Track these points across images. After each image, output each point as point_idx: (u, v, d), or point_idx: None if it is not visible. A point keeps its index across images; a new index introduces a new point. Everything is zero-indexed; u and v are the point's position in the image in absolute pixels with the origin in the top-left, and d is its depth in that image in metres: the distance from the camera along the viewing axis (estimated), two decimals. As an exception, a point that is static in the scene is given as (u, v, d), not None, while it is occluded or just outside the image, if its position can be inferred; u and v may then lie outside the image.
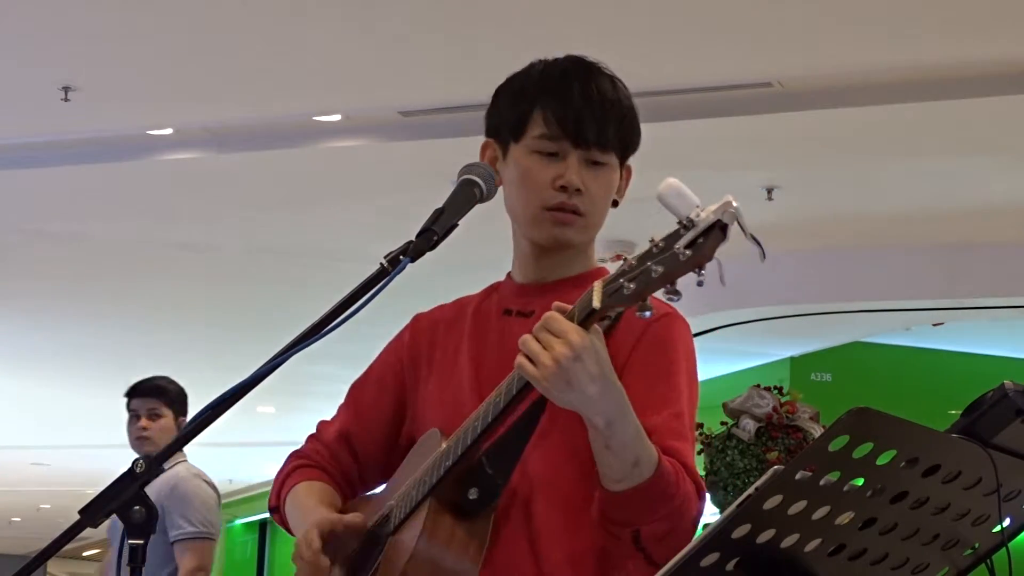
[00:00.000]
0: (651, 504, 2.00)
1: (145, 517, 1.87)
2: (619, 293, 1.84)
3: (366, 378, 2.40)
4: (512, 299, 2.27)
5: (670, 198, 1.84)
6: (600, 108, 2.20)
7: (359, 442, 2.35)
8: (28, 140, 7.18)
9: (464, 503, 2.06)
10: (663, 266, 1.81)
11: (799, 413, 7.04)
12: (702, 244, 1.82)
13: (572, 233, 2.21)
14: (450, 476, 2.06)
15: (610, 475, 2.00)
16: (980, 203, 7.72)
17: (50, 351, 12.08)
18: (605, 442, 1.97)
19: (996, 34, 5.71)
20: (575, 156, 2.19)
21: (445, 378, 2.27)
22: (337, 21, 5.68)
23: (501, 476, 2.07)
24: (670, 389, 2.13)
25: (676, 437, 2.08)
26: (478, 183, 2.14)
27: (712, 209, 1.81)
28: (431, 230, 2.07)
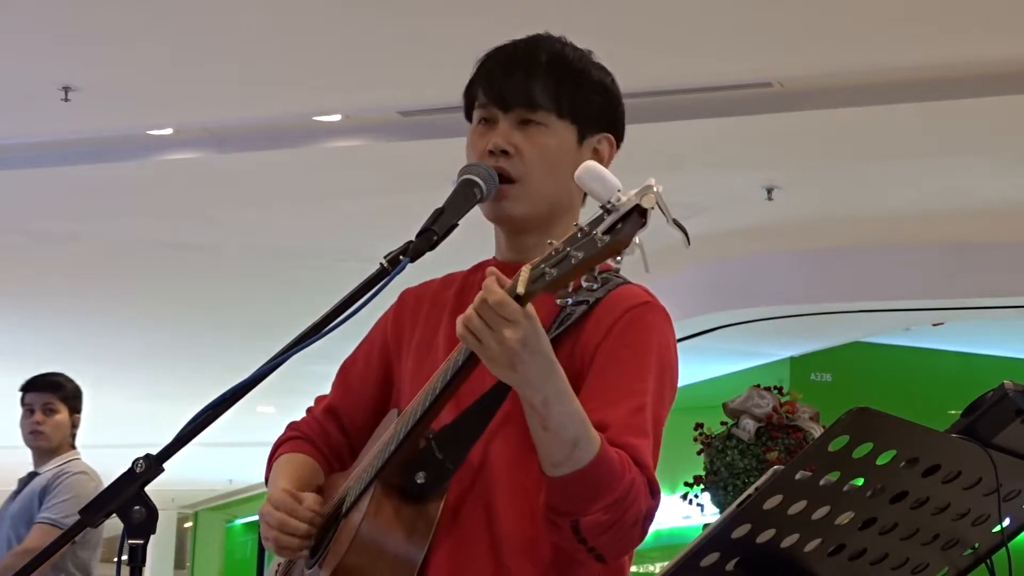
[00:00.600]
0: (591, 491, 1.94)
1: (145, 517, 1.87)
2: (541, 279, 1.79)
3: (355, 355, 2.40)
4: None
5: (589, 182, 1.79)
6: (525, 71, 2.17)
7: (347, 417, 2.35)
8: (28, 140, 7.18)
9: (411, 487, 2.04)
10: (583, 251, 1.76)
11: (799, 413, 7.03)
12: (620, 229, 1.76)
13: (509, 205, 2.16)
14: (394, 460, 2.04)
15: (549, 458, 1.95)
16: (980, 203, 7.71)
17: (49, 351, 12.06)
18: (542, 422, 1.92)
19: (996, 34, 5.70)
20: (505, 121, 2.17)
21: (422, 355, 2.25)
22: (337, 21, 5.68)
23: (451, 461, 2.04)
24: (634, 381, 2.07)
25: (632, 433, 2.02)
26: (478, 183, 2.13)
27: (632, 193, 1.76)
28: (431, 230, 2.06)
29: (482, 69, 2.23)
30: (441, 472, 2.04)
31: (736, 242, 8.37)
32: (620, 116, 2.26)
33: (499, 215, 2.18)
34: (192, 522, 23.76)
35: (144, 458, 1.89)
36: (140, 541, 1.86)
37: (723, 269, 8.54)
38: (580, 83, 2.20)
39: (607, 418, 2.02)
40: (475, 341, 1.88)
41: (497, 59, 2.22)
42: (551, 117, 2.17)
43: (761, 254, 8.56)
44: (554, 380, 1.92)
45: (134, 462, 1.88)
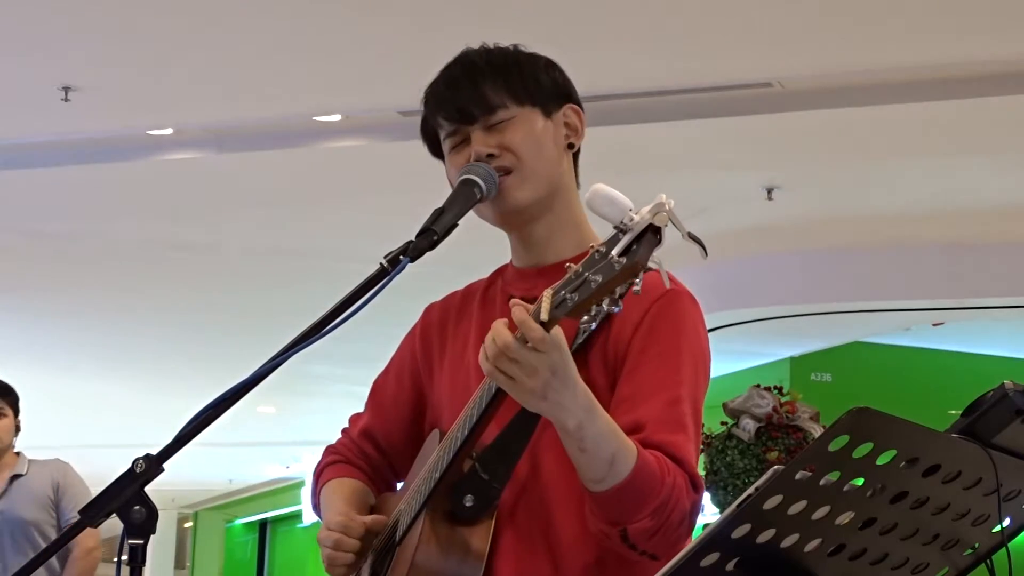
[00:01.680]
0: (634, 502, 1.97)
1: (145, 517, 1.87)
2: (563, 305, 1.80)
3: (386, 373, 2.43)
4: (515, 284, 2.27)
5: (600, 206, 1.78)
6: (468, 80, 2.22)
7: (382, 437, 2.39)
8: (28, 140, 7.18)
9: (460, 510, 2.07)
10: (601, 275, 1.75)
11: (799, 413, 7.04)
12: (635, 251, 1.73)
13: (513, 193, 2.18)
14: (442, 486, 2.07)
15: (589, 476, 1.98)
16: (980, 203, 7.72)
17: (49, 351, 12.08)
18: (579, 444, 1.95)
19: (996, 34, 5.71)
20: (476, 133, 2.20)
21: (455, 369, 2.28)
22: (337, 21, 5.68)
23: (498, 480, 2.07)
24: (668, 374, 2.09)
25: (669, 429, 2.04)
26: (478, 183, 2.14)
27: (644, 211, 1.74)
28: (431, 230, 2.07)
29: (430, 104, 2.30)
30: (488, 493, 2.07)
31: (736, 242, 8.37)
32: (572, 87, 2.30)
33: (506, 206, 2.19)
34: (192, 522, 23.77)
35: (144, 458, 1.89)
36: (140, 541, 1.86)
37: (723, 269, 8.55)
38: (523, 70, 2.24)
39: (643, 416, 2.05)
40: (505, 379, 1.90)
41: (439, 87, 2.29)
42: (514, 109, 2.21)
43: (761, 254, 8.56)
44: (584, 402, 1.94)
45: (134, 462, 1.88)
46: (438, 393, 2.31)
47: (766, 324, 9.12)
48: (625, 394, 2.07)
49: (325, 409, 13.47)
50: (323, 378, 11.92)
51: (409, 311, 2.45)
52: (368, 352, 8.45)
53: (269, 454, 17.13)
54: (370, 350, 8.27)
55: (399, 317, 2.49)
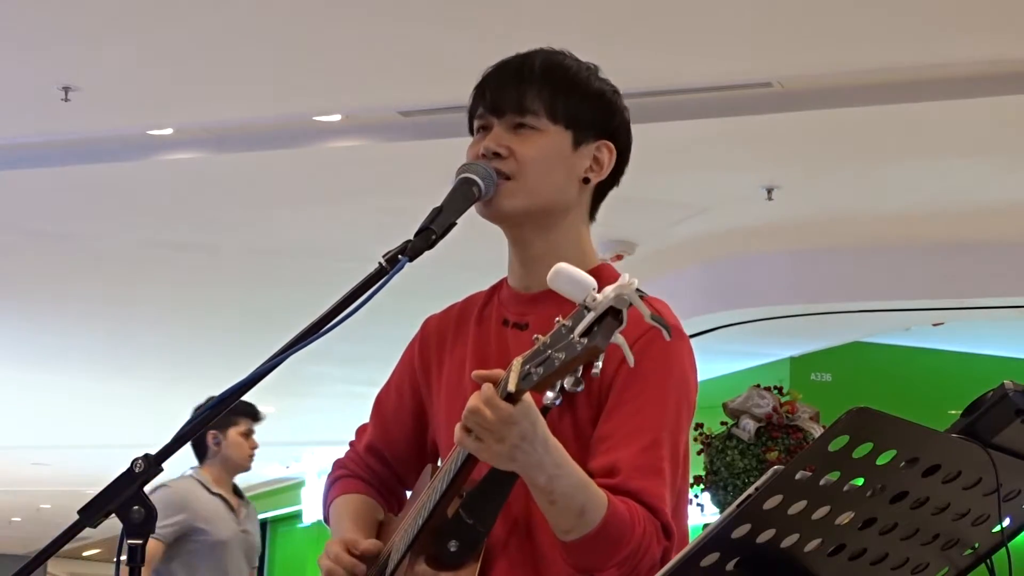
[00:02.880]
0: (602, 552, 1.99)
1: (144, 517, 1.87)
2: (529, 378, 1.81)
3: (387, 387, 2.44)
4: (509, 308, 2.27)
5: (563, 285, 1.77)
6: (516, 76, 2.21)
7: (388, 451, 2.40)
8: (28, 140, 7.18)
9: (444, 555, 2.08)
10: (564, 353, 1.76)
11: (799, 413, 7.04)
12: (595, 332, 1.73)
13: (501, 199, 2.18)
14: (426, 531, 2.09)
15: (559, 527, 2.00)
16: (980, 203, 7.71)
17: (49, 351, 12.08)
18: (548, 498, 1.97)
19: (996, 34, 5.70)
20: (499, 126, 2.20)
21: (452, 388, 2.28)
22: (337, 21, 5.68)
23: (482, 524, 2.08)
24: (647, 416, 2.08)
25: (642, 475, 2.04)
26: (476, 181, 2.14)
27: (608, 291, 1.73)
28: (429, 229, 2.07)
29: (480, 84, 2.26)
30: (473, 537, 2.08)
31: (736, 242, 8.37)
32: (620, 126, 2.28)
33: (494, 210, 2.19)
34: (192, 522, 23.73)
35: (143, 458, 1.89)
36: (139, 541, 1.86)
37: (723, 269, 8.55)
38: (575, 90, 2.23)
39: (619, 460, 2.05)
40: (475, 445, 1.92)
41: (493, 72, 2.26)
42: (543, 121, 2.20)
43: (761, 254, 8.56)
44: (554, 457, 1.95)
45: (133, 462, 1.88)
46: (437, 411, 2.32)
47: (766, 324, 9.11)
48: (603, 433, 2.08)
49: (325, 409, 13.48)
50: (323, 378, 11.92)
51: (408, 311, 2.45)
52: (367, 352, 8.46)
53: (269, 454, 17.12)
54: (369, 350, 8.28)
55: (399, 317, 2.49)
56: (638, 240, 8.14)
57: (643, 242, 8.17)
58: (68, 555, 28.83)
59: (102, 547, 28.55)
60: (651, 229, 8.06)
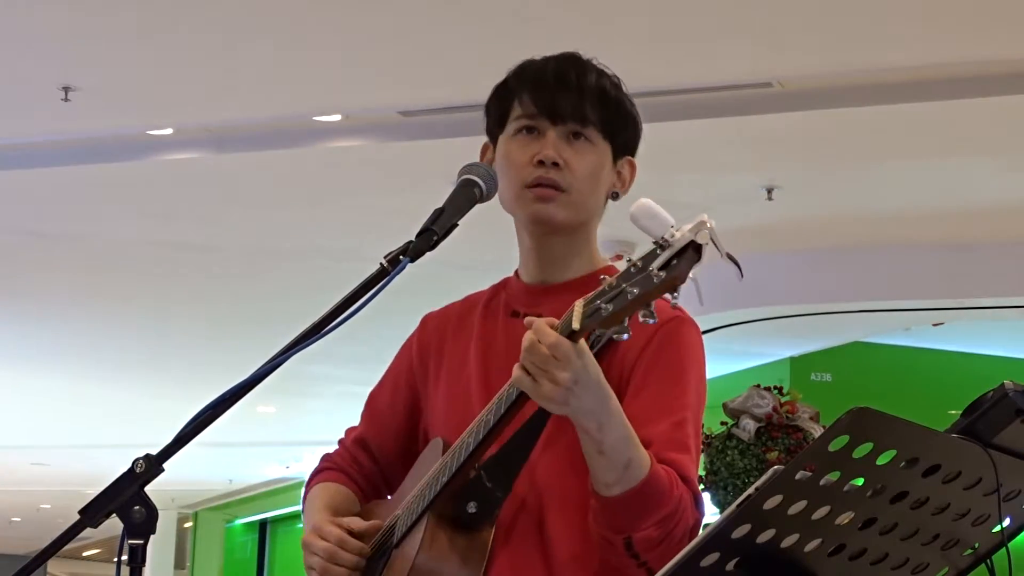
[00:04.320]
0: (643, 509, 2.00)
1: (145, 517, 1.87)
2: (597, 315, 1.82)
3: (381, 384, 2.44)
4: (519, 300, 2.28)
5: (643, 219, 1.81)
6: (576, 88, 2.21)
7: (376, 446, 2.40)
8: (28, 140, 7.18)
9: (463, 516, 2.08)
10: (638, 287, 1.78)
11: (799, 413, 7.03)
12: (676, 265, 1.78)
13: (553, 209, 2.20)
14: (446, 491, 2.08)
15: (603, 479, 2.00)
16: (980, 203, 7.72)
17: (50, 351, 12.08)
18: (597, 447, 1.98)
19: (996, 34, 5.70)
20: (553, 132, 2.20)
21: (454, 380, 2.29)
22: (337, 21, 5.68)
23: (501, 489, 2.08)
24: (674, 397, 2.14)
25: (675, 448, 2.09)
26: (478, 183, 2.15)
27: (686, 229, 1.79)
28: (431, 230, 2.07)
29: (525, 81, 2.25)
30: (491, 500, 2.09)
31: (736, 242, 8.34)
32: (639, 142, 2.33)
33: (542, 217, 2.21)
34: (192, 522, 23.77)
35: (144, 458, 1.89)
36: (140, 541, 1.86)
37: (723, 269, 8.53)
38: (621, 107, 2.26)
39: (650, 434, 2.07)
40: (531, 383, 1.92)
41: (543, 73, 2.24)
42: (597, 135, 2.22)
43: (761, 254, 8.56)
44: (608, 405, 1.97)
45: (134, 462, 1.88)
46: (434, 403, 2.32)
47: (766, 324, 9.12)
48: (633, 412, 2.09)
49: (325, 409, 13.47)
50: (323, 378, 11.91)
51: (409, 312, 2.45)
52: (368, 352, 8.46)
53: (269, 454, 17.12)
54: (370, 350, 8.27)
55: (399, 317, 2.49)
56: (638, 240, 8.14)
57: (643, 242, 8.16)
58: (68, 555, 28.85)
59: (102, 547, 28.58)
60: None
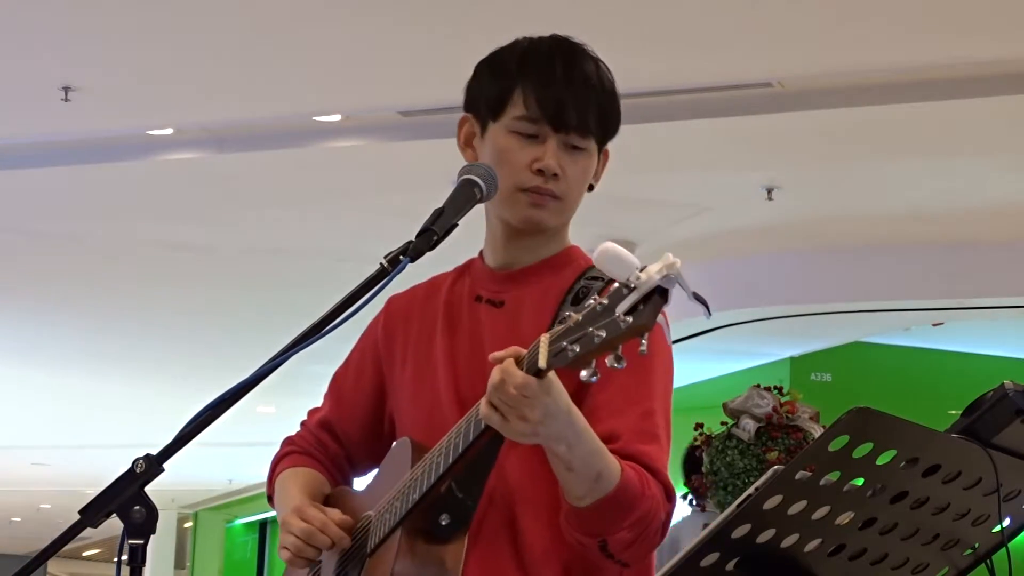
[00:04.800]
0: (615, 515, 2.00)
1: (145, 517, 1.87)
2: (563, 355, 1.80)
3: (346, 365, 2.43)
4: (483, 284, 2.27)
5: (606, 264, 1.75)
6: (582, 92, 2.18)
7: (341, 428, 2.40)
8: (28, 140, 7.18)
9: (436, 529, 2.09)
10: (605, 331, 1.75)
11: (799, 413, 7.02)
12: (642, 311, 1.72)
13: (546, 215, 2.19)
14: (418, 507, 2.08)
15: (574, 493, 2.01)
16: (980, 203, 7.72)
17: (50, 351, 12.08)
18: (567, 465, 1.98)
19: (996, 34, 5.70)
20: (554, 140, 2.18)
21: (420, 366, 2.28)
22: (337, 21, 5.68)
23: (471, 498, 2.09)
24: (641, 387, 2.11)
25: (644, 439, 2.07)
26: (478, 183, 2.14)
27: (652, 271, 1.71)
28: (431, 230, 2.07)
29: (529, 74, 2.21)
30: (463, 511, 2.09)
31: (736, 242, 8.36)
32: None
33: (534, 221, 2.20)
34: (192, 522, 23.77)
35: (144, 458, 1.89)
36: (140, 541, 1.86)
37: (723, 269, 8.54)
38: (615, 109, 2.24)
39: (618, 427, 2.07)
40: (500, 420, 1.92)
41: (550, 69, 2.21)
42: (590, 143, 2.21)
43: (761, 254, 8.56)
44: (575, 427, 1.96)
45: (134, 462, 1.88)
46: (400, 387, 2.31)
47: (766, 324, 9.11)
48: (599, 403, 2.09)
49: (325, 409, 13.45)
50: (323, 378, 11.81)
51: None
52: (368, 352, 8.45)
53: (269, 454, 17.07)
54: (370, 350, 8.27)
55: (399, 317, 2.49)
56: (638, 240, 8.14)
57: (643, 242, 8.17)
58: (68, 555, 28.85)
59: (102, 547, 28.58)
60: (651, 229, 8.06)
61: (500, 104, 2.21)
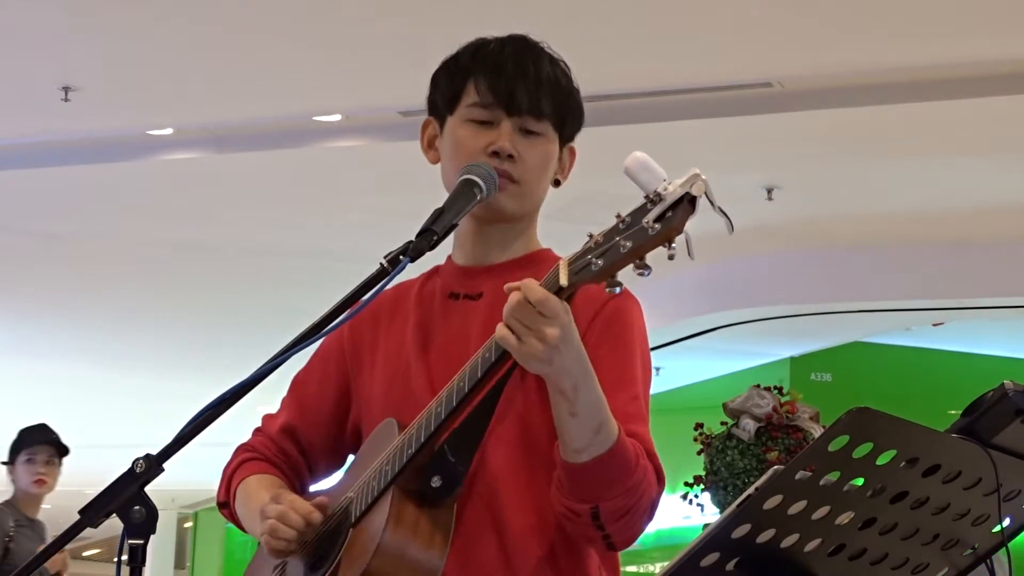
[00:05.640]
0: (612, 476, 1.98)
1: (145, 517, 1.87)
2: (587, 270, 1.81)
3: (308, 370, 2.40)
4: (457, 282, 2.26)
5: (638, 173, 1.80)
6: (534, 80, 2.20)
7: (303, 435, 2.36)
8: (28, 140, 7.18)
9: (427, 491, 2.06)
10: (631, 240, 1.78)
11: (799, 413, 7.02)
12: (671, 217, 1.78)
13: (504, 199, 2.18)
14: (412, 464, 2.05)
15: (573, 444, 1.98)
16: (980, 203, 7.72)
17: (49, 351, 12.08)
18: (571, 408, 1.95)
19: (995, 34, 5.71)
20: (508, 123, 2.19)
21: (391, 366, 2.25)
22: (337, 21, 5.68)
23: (463, 463, 2.07)
24: (625, 370, 2.11)
25: (635, 420, 2.07)
26: (478, 183, 2.14)
27: (680, 182, 1.79)
28: (431, 230, 2.07)
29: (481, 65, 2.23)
30: (455, 474, 2.07)
31: (736, 242, 8.36)
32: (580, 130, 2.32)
33: (493, 209, 2.19)
34: (192, 522, 23.76)
35: (144, 458, 1.89)
36: (140, 541, 1.86)
37: (723, 269, 8.54)
38: (572, 99, 2.25)
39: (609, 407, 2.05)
40: (515, 341, 1.89)
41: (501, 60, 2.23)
42: (547, 128, 2.22)
43: (761, 254, 8.56)
44: (584, 366, 1.95)
45: (134, 462, 1.88)
46: (369, 392, 2.28)
47: (766, 324, 9.11)
48: None
49: (325, 409, 13.46)
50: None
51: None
52: (368, 352, 8.45)
53: (269, 454, 17.13)
54: (370, 350, 8.27)
55: (399, 317, 2.49)
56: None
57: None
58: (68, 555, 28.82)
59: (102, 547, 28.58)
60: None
61: (455, 98, 2.25)
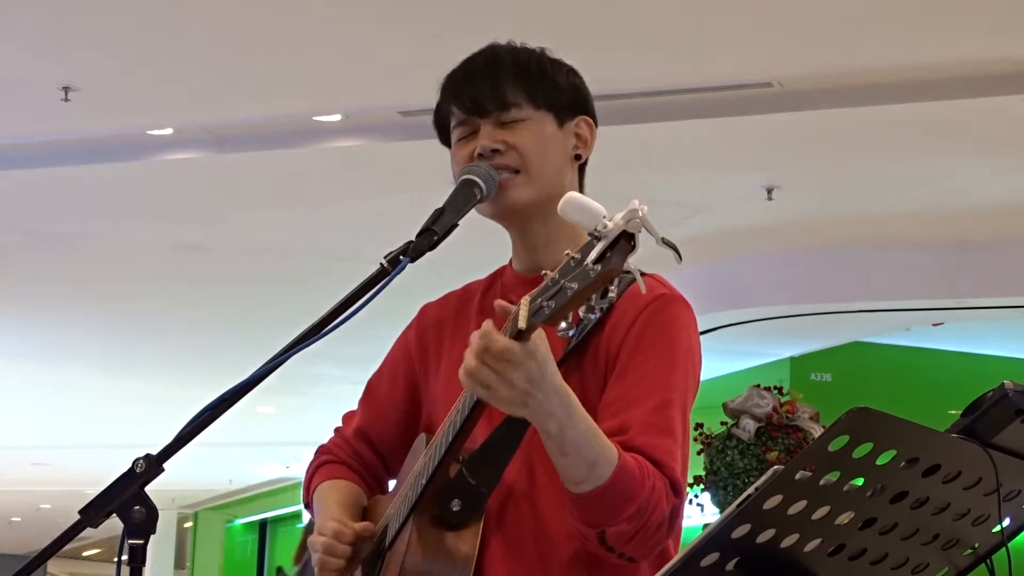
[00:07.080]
0: (614, 505, 1.98)
1: (145, 517, 1.87)
2: (540, 313, 1.79)
3: (380, 373, 2.42)
4: (513, 290, 2.27)
5: (572, 214, 1.78)
6: (488, 74, 2.22)
7: (377, 437, 2.39)
8: (28, 140, 7.18)
9: (447, 515, 2.08)
10: (576, 283, 1.75)
11: (799, 413, 7.04)
12: (609, 258, 1.74)
13: (513, 191, 2.19)
14: (428, 492, 2.08)
15: (570, 479, 1.98)
16: (980, 203, 7.72)
17: (49, 351, 12.08)
18: (559, 448, 1.95)
19: (995, 34, 5.71)
20: (485, 124, 2.21)
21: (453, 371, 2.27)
22: (337, 21, 5.68)
23: (484, 485, 2.08)
24: (659, 378, 2.10)
25: (653, 432, 2.05)
26: (478, 183, 2.15)
27: (618, 218, 1.75)
28: (431, 230, 2.07)
29: (446, 92, 2.27)
30: (476, 497, 2.08)
31: (736, 242, 8.37)
32: (589, 98, 2.31)
33: (505, 205, 2.20)
34: (192, 522, 23.77)
35: (144, 458, 1.89)
36: (140, 541, 1.86)
37: (723, 269, 8.55)
38: (545, 74, 2.25)
39: (629, 419, 2.05)
40: (483, 390, 1.89)
41: (456, 76, 2.27)
42: (529, 111, 2.22)
43: (761, 254, 8.56)
44: (565, 405, 1.93)
45: (134, 462, 1.88)
46: (434, 394, 2.31)
47: (766, 324, 9.11)
48: (612, 397, 2.08)
49: (325, 409, 13.45)
50: (323, 378, 11.91)
51: (409, 312, 2.45)
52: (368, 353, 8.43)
53: (269, 454, 17.12)
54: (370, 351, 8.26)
55: (399, 318, 2.49)
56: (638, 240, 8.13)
57: (643, 242, 8.17)
58: (68, 555, 28.85)
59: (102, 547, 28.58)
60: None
61: (445, 128, 2.29)
